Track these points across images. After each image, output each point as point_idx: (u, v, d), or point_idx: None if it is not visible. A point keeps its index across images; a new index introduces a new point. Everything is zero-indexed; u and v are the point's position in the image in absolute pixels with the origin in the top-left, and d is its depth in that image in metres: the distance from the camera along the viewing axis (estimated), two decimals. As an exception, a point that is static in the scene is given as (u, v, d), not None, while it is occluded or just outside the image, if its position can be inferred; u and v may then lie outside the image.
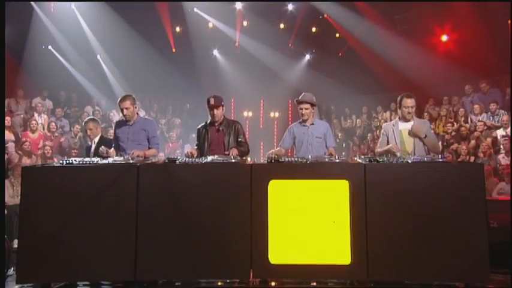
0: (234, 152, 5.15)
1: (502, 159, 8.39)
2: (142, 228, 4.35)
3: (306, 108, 5.54)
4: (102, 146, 5.55)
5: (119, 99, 5.46)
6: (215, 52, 13.46)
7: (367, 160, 4.48)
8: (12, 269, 4.97)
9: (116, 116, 10.22)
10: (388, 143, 5.37)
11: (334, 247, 4.25)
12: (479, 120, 9.63)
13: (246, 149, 5.45)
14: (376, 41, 11.92)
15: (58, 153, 9.60)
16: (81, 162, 4.61)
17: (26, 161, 8.53)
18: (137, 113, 5.56)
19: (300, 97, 5.63)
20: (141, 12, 11.68)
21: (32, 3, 10.77)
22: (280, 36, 13.22)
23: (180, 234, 4.35)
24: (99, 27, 11.34)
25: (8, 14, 5.12)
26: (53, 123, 10.17)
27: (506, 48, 10.03)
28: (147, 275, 4.38)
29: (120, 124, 5.59)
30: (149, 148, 5.48)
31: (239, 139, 5.44)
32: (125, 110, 5.40)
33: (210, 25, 12.90)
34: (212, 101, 5.40)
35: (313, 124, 5.62)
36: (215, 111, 5.41)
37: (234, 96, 13.07)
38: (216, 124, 5.48)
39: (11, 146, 8.77)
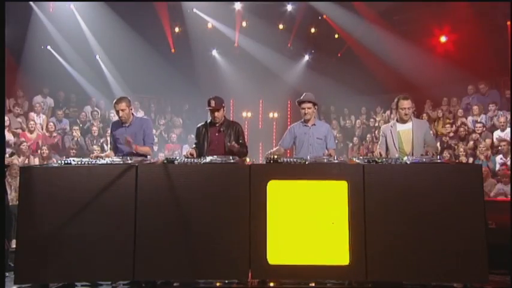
0: (234, 145, 5.19)
1: (501, 160, 8.40)
2: (140, 228, 4.36)
3: (309, 108, 5.56)
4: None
5: (114, 101, 5.45)
6: (214, 52, 13.45)
7: (366, 161, 4.49)
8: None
9: (116, 117, 10.21)
10: (386, 145, 5.39)
11: (332, 247, 4.26)
12: (478, 122, 9.64)
13: (245, 151, 5.49)
14: (375, 42, 11.93)
15: (57, 153, 9.59)
16: (79, 162, 4.61)
17: (24, 162, 8.52)
18: (132, 114, 5.55)
19: (301, 97, 5.64)
20: (140, 12, 11.67)
21: (31, 3, 10.75)
22: (279, 37, 13.20)
23: (178, 234, 4.35)
24: (98, 28, 11.32)
25: (7, 14, 5.11)
26: (52, 123, 10.15)
27: (505, 49, 10.05)
28: (146, 276, 4.38)
29: (116, 125, 5.56)
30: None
31: (240, 141, 5.46)
32: (120, 112, 5.38)
33: (209, 25, 12.90)
34: (213, 104, 5.40)
35: (314, 125, 5.64)
36: (216, 113, 5.43)
37: (233, 96, 13.04)
38: (217, 125, 5.49)
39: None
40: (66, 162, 4.61)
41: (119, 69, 11.78)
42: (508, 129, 8.87)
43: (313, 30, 13.21)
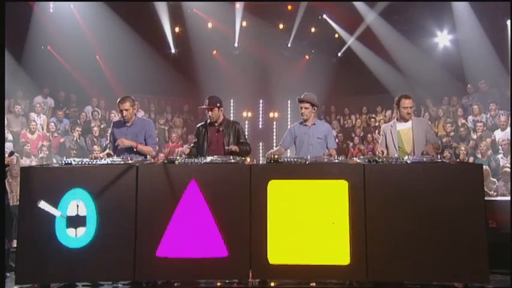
0: (234, 147, 5.17)
1: (501, 159, 8.41)
2: (141, 228, 4.36)
3: (306, 108, 5.55)
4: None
5: (118, 100, 5.44)
6: (214, 52, 13.45)
7: (367, 160, 4.49)
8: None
9: (116, 117, 10.20)
10: (386, 144, 5.39)
11: (333, 247, 4.25)
12: (478, 121, 9.64)
13: (248, 149, 5.47)
14: (375, 41, 11.93)
15: (57, 153, 9.60)
16: (79, 162, 4.61)
17: (25, 162, 8.53)
18: (135, 114, 5.55)
19: (302, 96, 5.64)
20: (140, 12, 11.67)
21: (31, 3, 10.75)
22: (279, 37, 13.20)
23: (178, 234, 4.36)
24: (98, 28, 11.31)
25: (7, 14, 5.11)
26: (52, 124, 10.16)
27: (505, 49, 10.05)
28: (146, 276, 4.39)
29: (118, 125, 5.56)
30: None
31: (240, 140, 5.47)
32: (124, 112, 5.38)
33: (210, 25, 12.90)
34: (207, 103, 5.43)
35: (314, 124, 5.63)
36: (210, 113, 5.44)
37: (233, 96, 13.05)
38: (216, 124, 5.49)
39: (9, 147, 8.75)
40: (66, 162, 4.61)
41: (119, 69, 11.76)
42: (509, 129, 8.87)
43: (313, 30, 13.20)
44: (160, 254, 4.32)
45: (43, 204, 4.23)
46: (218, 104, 5.45)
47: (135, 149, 5.32)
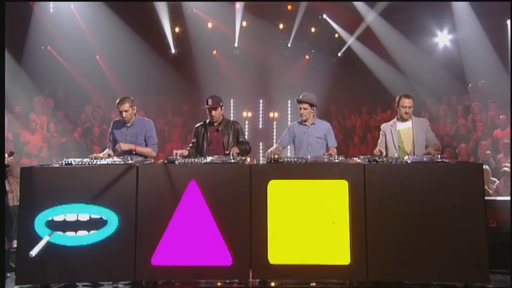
0: (235, 150, 5.16)
1: (501, 159, 8.40)
2: (141, 228, 4.36)
3: (305, 108, 5.54)
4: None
5: (117, 101, 5.43)
6: (214, 52, 13.45)
7: (367, 160, 4.49)
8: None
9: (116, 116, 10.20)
10: (386, 143, 5.38)
11: (333, 247, 4.26)
12: (478, 121, 9.64)
13: (248, 148, 5.45)
14: (375, 41, 11.93)
15: (57, 153, 9.59)
16: (80, 163, 4.62)
17: (25, 162, 8.52)
18: (134, 114, 5.54)
19: (300, 96, 5.63)
20: (140, 12, 11.67)
21: (31, 3, 10.75)
22: (279, 37, 13.20)
23: (178, 234, 4.35)
24: (98, 28, 11.30)
25: (7, 14, 5.11)
26: (52, 124, 10.16)
27: (505, 49, 10.06)
28: (147, 276, 4.39)
29: (117, 125, 5.54)
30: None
31: (240, 139, 5.45)
32: (123, 113, 5.37)
33: (210, 25, 12.90)
34: (210, 102, 5.41)
35: (313, 124, 5.62)
36: (213, 112, 5.43)
37: (233, 96, 13.04)
38: (216, 124, 5.49)
39: (9, 147, 8.75)
40: (66, 162, 4.62)
41: (119, 69, 11.76)
42: (509, 129, 8.86)
43: (313, 29, 13.20)
44: (158, 259, 4.33)
45: (35, 251, 4.19)
46: (221, 103, 5.46)
47: (134, 152, 5.30)
